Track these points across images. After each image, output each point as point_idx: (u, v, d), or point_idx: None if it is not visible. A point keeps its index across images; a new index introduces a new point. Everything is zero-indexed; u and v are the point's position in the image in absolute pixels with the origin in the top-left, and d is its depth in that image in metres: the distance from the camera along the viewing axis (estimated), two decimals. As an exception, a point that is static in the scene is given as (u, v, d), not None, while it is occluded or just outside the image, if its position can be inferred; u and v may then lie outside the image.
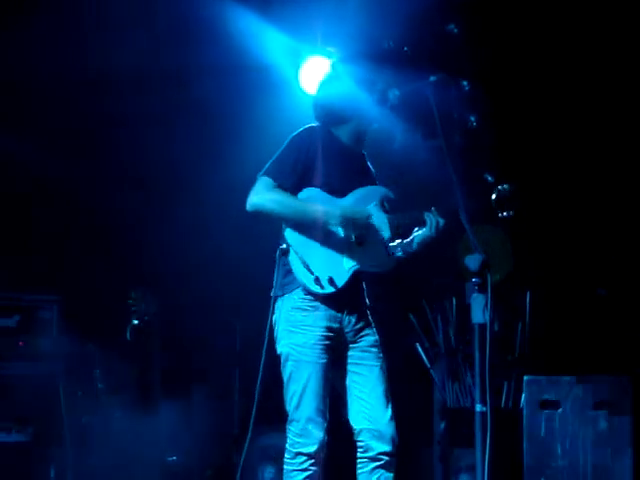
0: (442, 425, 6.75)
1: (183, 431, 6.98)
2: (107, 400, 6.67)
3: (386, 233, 4.33)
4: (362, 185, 4.40)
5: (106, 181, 7.36)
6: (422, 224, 4.31)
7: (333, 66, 4.62)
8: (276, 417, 4.52)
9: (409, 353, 6.99)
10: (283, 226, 4.28)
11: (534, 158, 6.32)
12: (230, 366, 7.31)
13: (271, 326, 4.29)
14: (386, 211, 4.39)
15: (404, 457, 4.36)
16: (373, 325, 4.38)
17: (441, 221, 4.25)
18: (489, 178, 4.31)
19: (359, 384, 4.28)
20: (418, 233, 4.35)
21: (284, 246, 4.26)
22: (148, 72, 6.70)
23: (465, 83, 6.16)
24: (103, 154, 7.29)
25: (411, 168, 4.48)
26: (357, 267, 4.26)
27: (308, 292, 4.21)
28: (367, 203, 4.35)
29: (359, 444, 4.30)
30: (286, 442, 4.25)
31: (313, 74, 6.49)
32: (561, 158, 6.60)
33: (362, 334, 4.32)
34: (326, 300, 4.22)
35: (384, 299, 4.63)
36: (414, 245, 4.36)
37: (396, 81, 4.26)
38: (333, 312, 4.24)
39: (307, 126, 4.40)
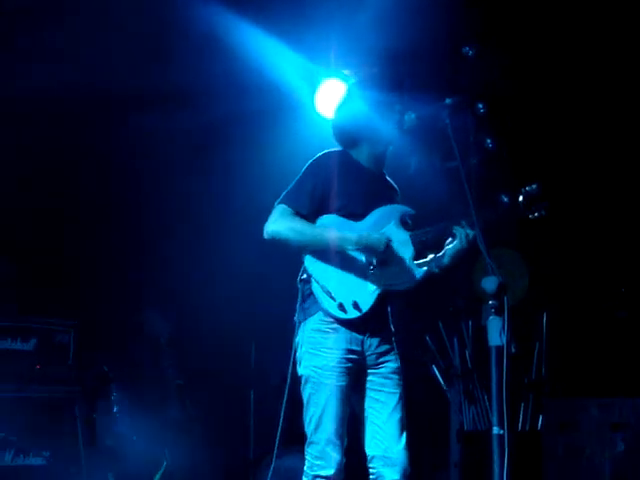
0: (458, 448, 6.73)
1: (199, 453, 6.97)
2: (123, 423, 6.67)
3: (409, 251, 4.29)
4: (381, 206, 4.36)
5: (121, 204, 7.39)
6: (451, 235, 4.26)
7: (348, 89, 4.61)
8: (294, 440, 4.51)
9: (425, 375, 6.98)
10: (303, 255, 4.27)
11: (551, 178, 6.30)
12: (245, 389, 7.28)
13: (295, 349, 4.27)
14: (408, 228, 4.35)
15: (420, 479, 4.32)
16: (396, 351, 4.32)
17: (470, 233, 4.18)
18: (505, 199, 4.28)
19: (376, 410, 4.24)
20: (449, 246, 4.29)
21: (304, 276, 4.26)
22: (162, 94, 6.71)
23: (481, 105, 6.16)
24: (116, 179, 7.32)
25: (428, 191, 4.46)
26: (381, 289, 4.22)
27: (329, 315, 4.19)
28: (386, 222, 4.31)
29: (371, 470, 4.26)
30: (305, 465, 4.20)
31: (329, 97, 6.52)
32: (578, 178, 6.59)
33: (384, 359, 4.27)
34: (347, 323, 4.19)
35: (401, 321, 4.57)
36: (446, 259, 4.30)
37: (412, 104, 4.26)
38: (354, 334, 4.20)
39: (325, 151, 4.39)
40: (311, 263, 4.25)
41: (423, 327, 7.15)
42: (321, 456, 4.13)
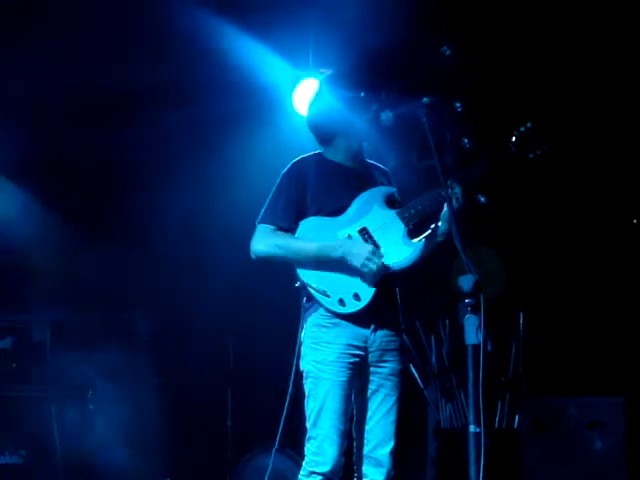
0: (435, 445, 6.74)
1: (177, 452, 6.97)
2: (100, 421, 6.65)
3: (398, 228, 4.27)
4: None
5: (105, 204, 7.39)
6: (443, 199, 4.14)
7: (319, 84, 4.61)
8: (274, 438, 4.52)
9: (403, 374, 6.98)
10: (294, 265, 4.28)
11: (526, 178, 6.33)
12: (223, 387, 7.27)
13: (299, 346, 4.27)
14: (394, 206, 4.34)
15: (397, 478, 4.32)
16: (400, 352, 4.30)
17: (457, 190, 4.15)
18: (482, 199, 4.29)
19: (370, 410, 4.22)
20: (444, 210, 4.22)
21: (298, 284, 4.28)
22: (141, 93, 6.71)
23: (458, 104, 6.17)
24: (95, 178, 7.31)
25: (404, 190, 4.46)
26: (379, 275, 4.17)
27: (329, 311, 4.18)
28: (370, 207, 4.30)
29: (355, 467, 4.27)
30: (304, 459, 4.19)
31: (306, 96, 6.50)
32: (554, 177, 6.62)
33: (387, 359, 4.24)
34: (349, 317, 4.16)
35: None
36: (442, 224, 4.25)
37: (389, 103, 4.26)
38: (358, 329, 4.17)
39: (295, 159, 4.40)
40: (302, 271, 4.25)
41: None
42: (318, 452, 4.11)
